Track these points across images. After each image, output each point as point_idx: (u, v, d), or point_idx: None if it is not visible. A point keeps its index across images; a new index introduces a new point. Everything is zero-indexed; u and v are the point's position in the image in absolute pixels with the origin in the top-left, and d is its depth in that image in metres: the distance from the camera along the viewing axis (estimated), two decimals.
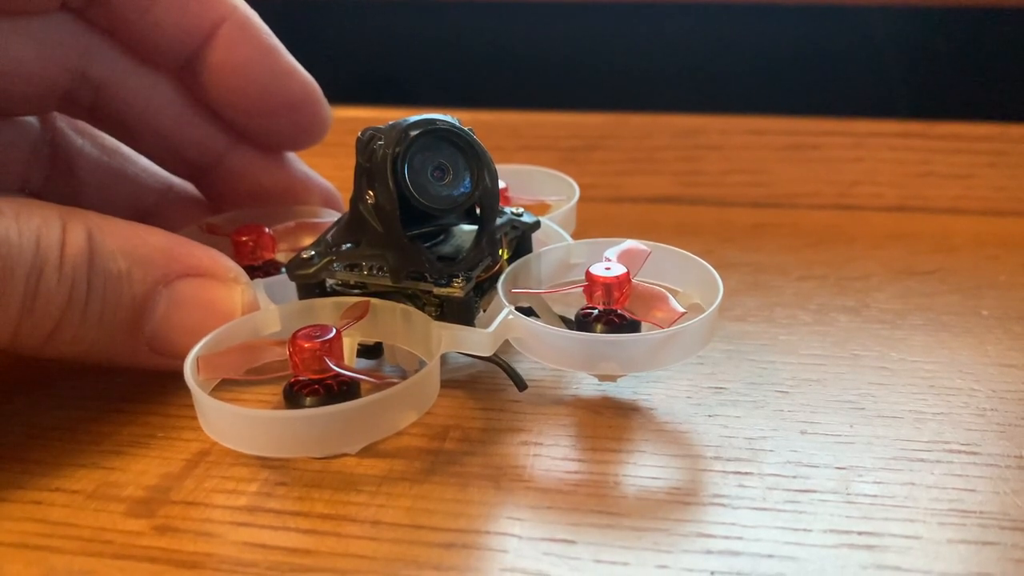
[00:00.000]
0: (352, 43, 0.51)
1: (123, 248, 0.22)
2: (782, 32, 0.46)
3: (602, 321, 0.23)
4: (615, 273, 0.23)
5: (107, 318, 0.22)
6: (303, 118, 0.28)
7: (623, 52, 0.48)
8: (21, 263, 0.21)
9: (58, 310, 0.21)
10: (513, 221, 0.25)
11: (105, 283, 0.22)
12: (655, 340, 0.22)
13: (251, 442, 0.21)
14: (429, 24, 0.50)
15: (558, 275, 0.26)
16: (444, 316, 0.23)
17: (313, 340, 0.22)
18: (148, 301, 0.23)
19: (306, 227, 0.28)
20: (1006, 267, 0.33)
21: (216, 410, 0.21)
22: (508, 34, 0.49)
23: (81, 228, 0.22)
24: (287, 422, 0.20)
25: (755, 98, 0.46)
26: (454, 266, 0.23)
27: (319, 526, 0.20)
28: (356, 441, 0.21)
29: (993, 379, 0.25)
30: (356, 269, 0.24)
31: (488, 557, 0.19)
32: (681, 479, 0.21)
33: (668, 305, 0.23)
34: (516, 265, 0.25)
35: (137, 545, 0.20)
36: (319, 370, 0.22)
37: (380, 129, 0.23)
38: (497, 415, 0.24)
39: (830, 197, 0.39)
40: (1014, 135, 0.39)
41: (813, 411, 0.24)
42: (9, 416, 0.24)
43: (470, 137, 0.23)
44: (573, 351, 0.23)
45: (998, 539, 0.19)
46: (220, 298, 0.23)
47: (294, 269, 0.24)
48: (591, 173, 0.41)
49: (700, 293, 0.25)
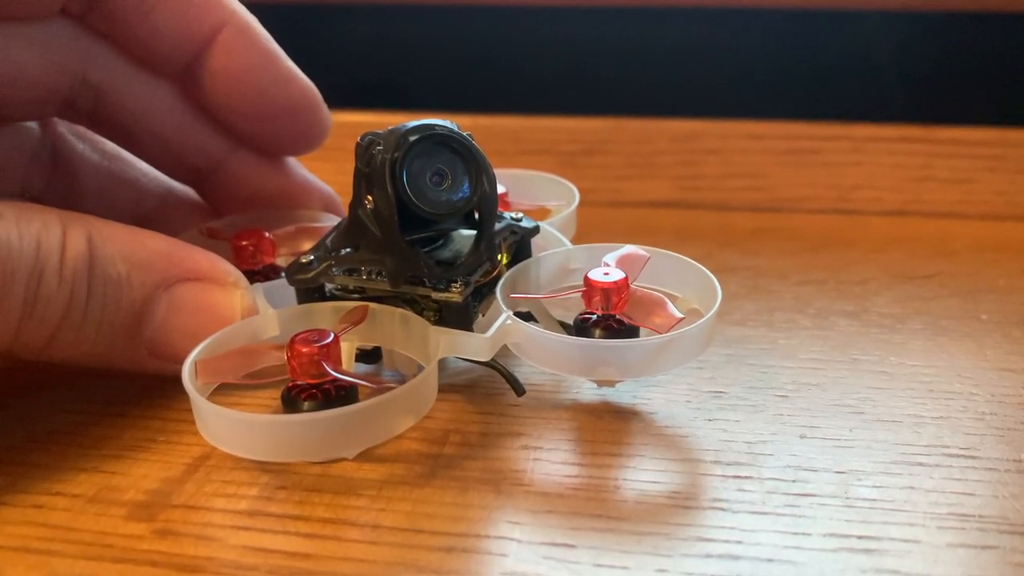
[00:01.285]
0: (352, 48, 0.51)
1: (123, 252, 0.22)
2: (781, 37, 0.46)
3: (600, 326, 0.24)
4: (613, 278, 0.23)
5: (107, 322, 0.22)
6: (303, 123, 0.28)
7: (622, 57, 0.48)
8: (22, 266, 0.21)
9: (58, 314, 0.21)
10: (512, 226, 0.25)
11: (105, 287, 0.22)
12: (653, 345, 0.22)
13: (248, 446, 0.21)
14: (429, 29, 0.50)
15: (557, 280, 0.26)
16: (443, 321, 0.23)
17: (311, 345, 0.22)
18: (148, 305, 0.23)
19: (306, 231, 0.28)
20: (1005, 271, 0.33)
21: (214, 414, 0.21)
22: (508, 39, 0.49)
23: (81, 232, 0.22)
24: (284, 426, 0.21)
25: (754, 102, 0.47)
26: (452, 271, 0.23)
27: (319, 530, 0.20)
28: (353, 446, 0.21)
29: (992, 383, 0.25)
30: (355, 274, 0.24)
31: (488, 561, 0.19)
32: (681, 483, 0.21)
33: (666, 310, 0.23)
34: (515, 270, 0.25)
35: (138, 549, 0.20)
36: (317, 375, 0.22)
37: (379, 134, 0.23)
38: (497, 419, 0.24)
39: (829, 201, 0.39)
40: (1013, 139, 0.39)
41: (812, 415, 0.24)
42: (10, 420, 0.24)
43: (468, 142, 0.23)
44: (572, 356, 0.23)
45: (997, 543, 0.19)
46: (219, 302, 0.23)
47: (293, 274, 0.24)
48: (590, 178, 0.41)
49: (699, 298, 0.25)
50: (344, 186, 0.25)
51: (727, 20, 0.46)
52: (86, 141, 0.29)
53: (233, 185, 0.30)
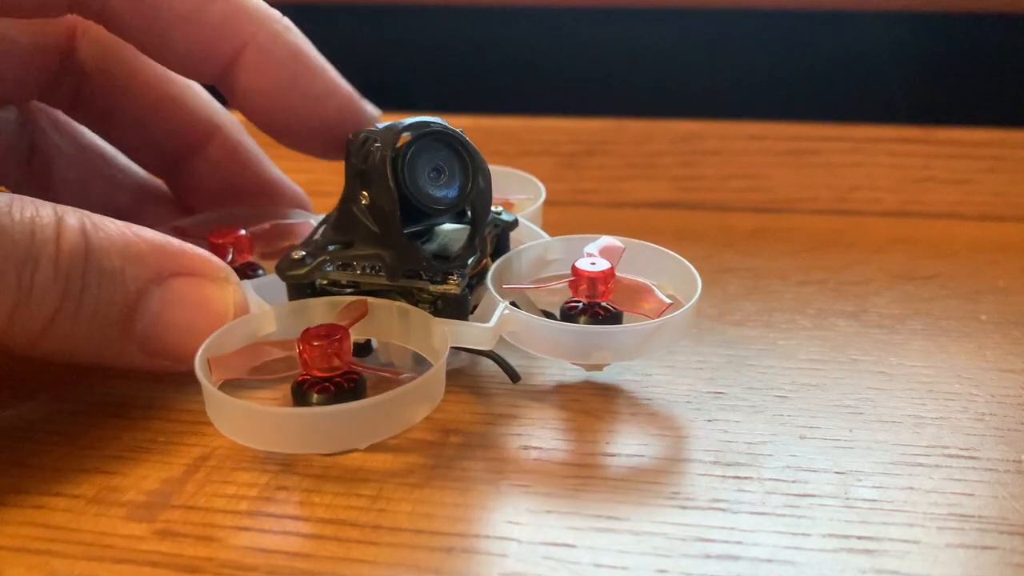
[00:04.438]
0: (351, 48, 0.51)
1: (116, 245, 0.22)
2: (781, 37, 0.46)
3: (587, 314, 0.24)
4: (600, 268, 0.24)
5: (100, 316, 0.22)
6: (338, 138, 0.26)
7: (622, 57, 0.48)
8: (15, 255, 0.20)
9: (52, 306, 0.21)
10: (495, 219, 0.26)
11: (100, 280, 0.22)
12: (646, 330, 0.23)
13: (270, 438, 0.21)
14: (428, 29, 0.50)
15: (536, 271, 0.27)
16: (439, 312, 0.24)
17: (324, 339, 0.22)
18: (141, 300, 0.22)
19: (282, 229, 0.28)
20: (1005, 272, 0.33)
21: (238, 409, 0.21)
22: (507, 40, 0.49)
23: (76, 224, 0.22)
24: (312, 418, 0.21)
25: (754, 103, 0.47)
26: (449, 264, 0.24)
27: (320, 530, 0.20)
28: (372, 436, 0.22)
29: (992, 384, 0.25)
30: (348, 269, 0.25)
31: (488, 561, 0.19)
32: (680, 483, 0.21)
33: (654, 296, 0.24)
34: (500, 262, 0.25)
35: (138, 549, 0.20)
36: (329, 368, 0.22)
37: (374, 131, 0.24)
38: (497, 419, 0.24)
39: (829, 202, 0.39)
40: (1013, 140, 0.39)
41: (812, 416, 0.24)
42: (10, 421, 0.24)
43: (465, 139, 0.24)
44: (568, 343, 0.23)
45: (997, 543, 0.19)
46: (213, 297, 0.23)
47: (286, 270, 0.25)
48: (590, 178, 0.41)
49: (673, 284, 0.26)
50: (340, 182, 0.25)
51: (727, 21, 0.46)
52: (63, 133, 0.29)
53: (204, 177, 0.29)
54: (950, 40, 0.45)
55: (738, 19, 0.46)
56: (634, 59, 0.48)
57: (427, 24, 0.50)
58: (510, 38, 0.49)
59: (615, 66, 0.48)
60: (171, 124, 0.29)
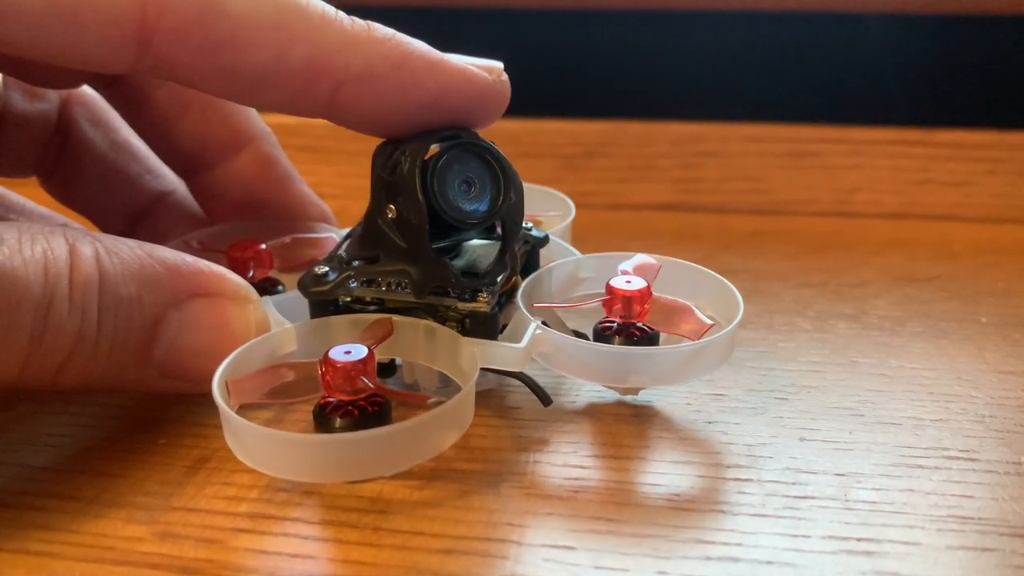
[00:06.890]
0: None
1: (131, 270, 0.21)
2: (781, 39, 0.46)
3: (622, 334, 0.23)
4: (636, 287, 0.23)
5: (118, 345, 0.21)
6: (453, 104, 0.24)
7: (622, 60, 0.48)
8: (29, 296, 0.19)
9: (69, 342, 0.20)
10: (525, 236, 0.25)
11: (116, 309, 0.21)
12: (686, 353, 0.22)
13: (292, 467, 0.20)
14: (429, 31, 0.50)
15: (567, 289, 0.26)
16: (467, 331, 0.23)
17: (347, 360, 0.21)
18: (159, 326, 0.21)
19: (302, 243, 0.27)
20: (1005, 274, 0.33)
21: (259, 435, 0.20)
22: (506, 41, 0.49)
23: (89, 251, 0.21)
24: (335, 445, 0.20)
25: (754, 105, 0.47)
26: (478, 281, 0.23)
27: (320, 532, 0.20)
28: (399, 464, 0.20)
29: (992, 386, 0.25)
30: (373, 285, 0.23)
31: (488, 564, 0.19)
32: (680, 486, 0.21)
33: (695, 317, 0.23)
34: (530, 280, 0.24)
35: (138, 551, 0.20)
36: (352, 391, 0.21)
37: (402, 142, 0.23)
38: (497, 422, 0.24)
39: (829, 204, 0.39)
40: (1012, 142, 0.39)
41: (812, 418, 0.24)
42: (11, 422, 0.24)
43: (495, 150, 0.23)
44: (604, 365, 0.22)
45: (997, 545, 0.19)
46: (233, 318, 0.22)
47: (308, 286, 0.23)
48: (590, 180, 0.41)
49: (712, 305, 0.25)
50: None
51: (727, 23, 0.46)
52: (99, 128, 0.29)
53: (228, 186, 0.29)
54: (949, 42, 0.45)
55: (738, 22, 0.46)
56: (634, 61, 0.48)
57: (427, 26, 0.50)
58: (510, 40, 0.49)
59: (615, 68, 0.48)
60: (202, 127, 0.28)
